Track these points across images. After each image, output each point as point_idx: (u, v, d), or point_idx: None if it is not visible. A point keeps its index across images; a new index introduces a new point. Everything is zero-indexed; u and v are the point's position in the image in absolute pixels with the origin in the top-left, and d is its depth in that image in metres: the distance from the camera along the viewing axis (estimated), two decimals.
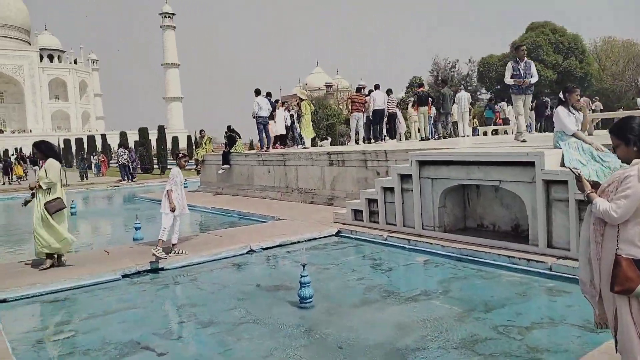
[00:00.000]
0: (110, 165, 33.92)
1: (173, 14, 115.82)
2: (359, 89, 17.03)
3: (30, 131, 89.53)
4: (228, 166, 14.46)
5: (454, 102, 16.34)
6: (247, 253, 7.29)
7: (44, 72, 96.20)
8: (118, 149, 25.79)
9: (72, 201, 14.06)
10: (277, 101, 15.08)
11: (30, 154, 51.28)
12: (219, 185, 15.26)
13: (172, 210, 6.64)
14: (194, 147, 58.51)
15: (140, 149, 31.40)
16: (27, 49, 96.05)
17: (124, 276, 6.20)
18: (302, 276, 4.97)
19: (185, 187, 19.95)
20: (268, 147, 13.80)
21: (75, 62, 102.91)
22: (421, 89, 14.35)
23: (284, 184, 12.60)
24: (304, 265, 5.03)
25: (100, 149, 41.82)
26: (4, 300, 5.35)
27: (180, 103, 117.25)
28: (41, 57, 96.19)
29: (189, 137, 56.72)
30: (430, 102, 14.54)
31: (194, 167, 17.51)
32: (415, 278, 6.08)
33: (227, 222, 10.60)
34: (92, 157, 31.57)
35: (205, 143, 15.98)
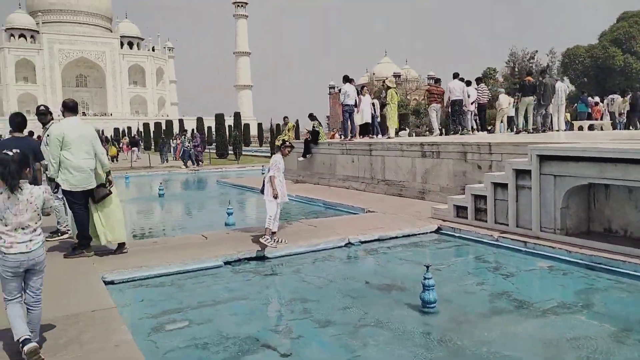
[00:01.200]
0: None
1: (246, 3, 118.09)
2: (437, 80, 16.27)
3: (111, 114, 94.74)
4: (310, 155, 14.20)
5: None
6: (345, 246, 6.92)
7: (124, 59, 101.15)
8: (180, 135, 26.26)
9: (160, 183, 14.40)
10: (362, 87, 14.58)
11: (111, 135, 54.21)
12: (299, 173, 15.04)
13: (275, 197, 6.38)
14: (263, 134, 59.54)
15: (214, 135, 32.08)
16: (109, 36, 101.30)
17: (226, 263, 6.01)
18: (425, 278, 4.50)
19: (262, 173, 20.03)
20: (353, 136, 13.37)
21: (153, 50, 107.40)
22: (528, 78, 13.31)
23: (369, 174, 12.14)
24: (427, 267, 4.56)
25: (177, 134, 43.19)
26: (111, 282, 5.27)
27: (250, 91, 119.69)
28: (122, 44, 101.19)
29: (259, 125, 57.62)
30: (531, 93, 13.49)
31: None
32: (546, 287, 5.43)
33: (313, 212, 10.31)
34: (171, 140, 32.56)
35: (288, 130, 15.78)
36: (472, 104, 14.81)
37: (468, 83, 14.91)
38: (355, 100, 13.22)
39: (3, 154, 3.16)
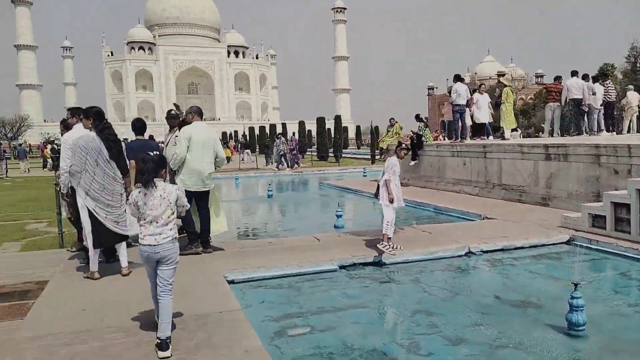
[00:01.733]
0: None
1: (344, 9, 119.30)
2: (557, 78, 14.87)
3: (219, 119, 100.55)
4: (416, 161, 13.71)
5: None
6: (465, 255, 6.44)
7: (230, 67, 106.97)
8: (277, 138, 26.65)
9: (269, 184, 14.77)
10: (480, 85, 13.79)
11: (220, 139, 57.30)
12: (404, 176, 14.58)
13: (391, 201, 6.10)
14: (361, 137, 59.46)
15: (316, 138, 32.51)
16: (218, 46, 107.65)
17: (341, 267, 5.84)
18: (573, 297, 3.95)
19: (364, 175, 19.89)
20: (463, 138, 12.69)
21: (257, 57, 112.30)
22: None
23: (482, 178, 11.40)
24: (576, 284, 4.00)
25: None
26: (232, 282, 5.32)
27: (348, 94, 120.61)
28: (228, 53, 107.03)
29: (358, 127, 57.60)
30: None
31: (379, 156, 17.06)
32: None
33: (424, 217, 9.86)
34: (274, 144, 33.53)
35: (395, 132, 15.40)
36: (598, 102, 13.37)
37: (595, 79, 13.51)
38: (467, 100, 12.51)
39: (145, 154, 3.56)
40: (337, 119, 32.71)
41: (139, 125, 6.35)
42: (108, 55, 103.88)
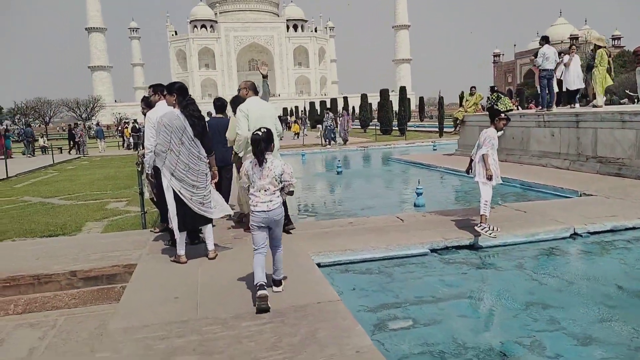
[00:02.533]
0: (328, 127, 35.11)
1: None
2: None
3: (279, 95, 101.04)
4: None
5: None
6: (570, 237, 5.80)
7: (289, 41, 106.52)
8: (325, 114, 25.89)
9: (338, 160, 14.44)
10: (571, 46, 12.55)
11: (280, 115, 57.67)
12: None
13: (489, 178, 5.55)
14: (424, 109, 57.69)
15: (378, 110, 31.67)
16: (277, 20, 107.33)
17: (432, 250, 5.41)
18: None
19: (434, 149, 19.11)
20: (551, 105, 11.67)
21: (316, 31, 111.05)
22: None
23: (574, 150, 10.44)
24: None
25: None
26: (318, 265, 5.03)
27: (409, 65, 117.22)
28: (287, 28, 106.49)
29: (421, 99, 55.88)
30: None
31: (454, 128, 16.21)
32: None
33: (510, 193, 9.15)
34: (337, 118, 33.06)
35: (474, 102, 14.42)
36: None
37: None
38: (555, 63, 11.44)
39: (254, 135, 3.78)
40: (402, 90, 31.58)
41: (219, 104, 6.83)
42: (172, 35, 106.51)
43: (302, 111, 57.79)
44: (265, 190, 3.79)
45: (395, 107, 37.81)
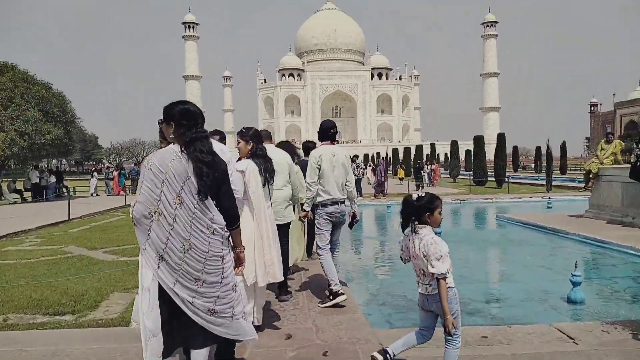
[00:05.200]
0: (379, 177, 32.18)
1: (496, 22, 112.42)
2: None
3: (360, 141, 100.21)
4: None
5: None
6: None
7: (373, 89, 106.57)
8: (352, 162, 22.65)
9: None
10: None
11: (362, 161, 55.90)
12: (626, 211, 10.62)
13: None
14: (519, 158, 53.18)
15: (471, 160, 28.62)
16: (362, 69, 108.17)
17: None
18: None
19: (548, 207, 15.79)
20: None
21: (400, 79, 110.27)
22: None
23: None
24: None
25: (426, 159, 41.25)
26: None
27: (497, 113, 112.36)
28: (372, 75, 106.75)
29: (514, 148, 51.62)
30: None
31: (584, 183, 12.98)
32: None
33: None
34: (425, 166, 30.50)
35: (613, 152, 11.34)
36: None
37: None
38: None
39: None
40: (500, 137, 28.37)
41: (309, 146, 6.76)
42: (262, 83, 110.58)
43: (382, 158, 55.57)
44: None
45: (488, 156, 34.49)
